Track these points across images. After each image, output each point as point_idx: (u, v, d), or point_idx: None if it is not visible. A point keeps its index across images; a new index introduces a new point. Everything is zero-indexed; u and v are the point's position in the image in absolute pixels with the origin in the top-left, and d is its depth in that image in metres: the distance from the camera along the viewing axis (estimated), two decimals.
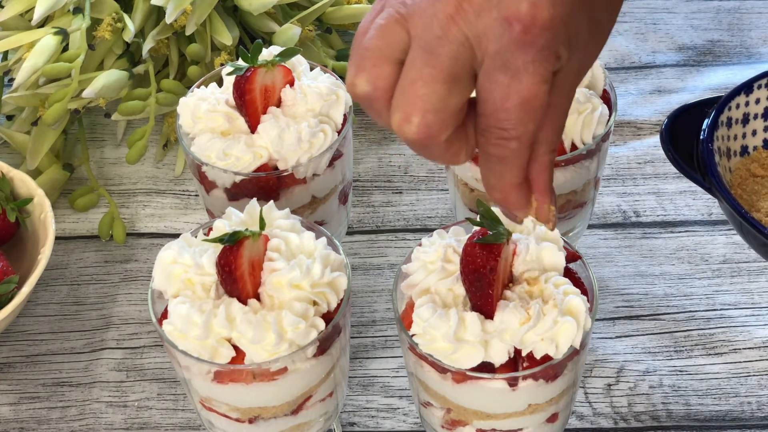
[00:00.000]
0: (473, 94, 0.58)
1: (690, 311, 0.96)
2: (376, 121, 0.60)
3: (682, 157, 0.84)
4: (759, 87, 0.90)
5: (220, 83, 0.90)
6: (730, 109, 0.88)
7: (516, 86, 0.56)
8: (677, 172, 1.06)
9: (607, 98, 0.89)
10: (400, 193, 1.07)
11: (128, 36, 1.05)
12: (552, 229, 0.64)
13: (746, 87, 0.89)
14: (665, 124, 0.85)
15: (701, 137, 0.84)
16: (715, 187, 0.82)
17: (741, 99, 0.89)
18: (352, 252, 1.01)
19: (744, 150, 0.90)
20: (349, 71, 0.59)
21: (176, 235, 0.80)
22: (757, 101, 0.90)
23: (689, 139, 0.85)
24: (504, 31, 0.55)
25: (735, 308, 0.96)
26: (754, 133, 0.91)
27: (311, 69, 0.90)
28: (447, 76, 0.56)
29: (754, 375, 0.91)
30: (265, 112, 0.86)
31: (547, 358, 0.71)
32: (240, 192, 0.86)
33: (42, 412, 0.91)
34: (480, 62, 0.56)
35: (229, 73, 0.86)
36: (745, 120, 0.90)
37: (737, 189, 0.88)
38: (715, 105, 0.87)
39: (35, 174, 1.05)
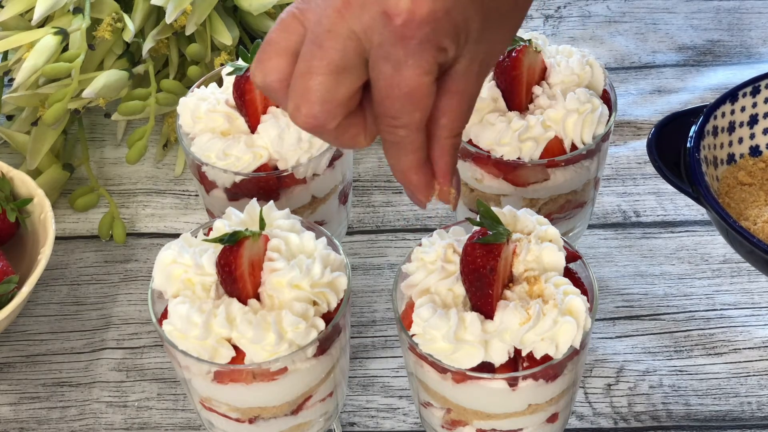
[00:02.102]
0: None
1: (690, 311, 0.96)
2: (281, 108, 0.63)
3: (669, 167, 0.85)
4: (744, 95, 0.90)
5: (220, 83, 0.90)
6: (715, 117, 0.88)
7: (398, 78, 0.59)
8: None
9: (607, 98, 0.89)
10: (400, 193, 1.07)
11: (128, 36, 1.05)
12: (453, 209, 0.67)
13: (731, 95, 0.89)
14: (651, 134, 0.86)
15: (688, 146, 0.84)
16: (702, 197, 0.82)
17: (726, 107, 0.89)
18: (352, 252, 1.01)
19: (731, 158, 0.90)
20: (252, 63, 0.63)
21: (176, 235, 0.80)
22: (743, 109, 0.90)
23: (676, 148, 0.85)
24: (385, 25, 0.58)
25: (735, 308, 0.96)
26: (740, 140, 0.90)
27: None
28: (334, 68, 0.59)
29: (754, 375, 0.91)
30: (265, 112, 0.86)
31: (547, 358, 0.71)
32: (240, 192, 0.86)
33: (42, 412, 0.91)
34: (368, 52, 0.59)
35: (229, 73, 0.86)
36: (731, 128, 0.90)
37: (725, 197, 0.88)
38: (701, 114, 0.87)
39: (35, 174, 1.05)
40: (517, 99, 0.86)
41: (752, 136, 0.91)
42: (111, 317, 0.98)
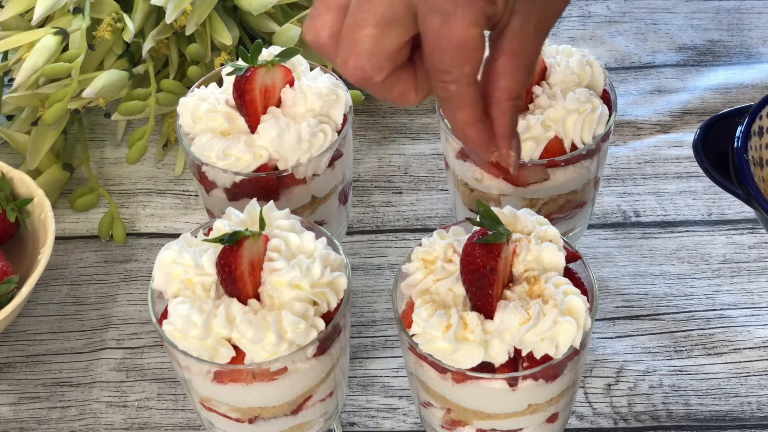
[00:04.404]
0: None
1: (690, 311, 0.96)
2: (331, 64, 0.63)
3: (716, 169, 0.83)
4: None
5: (220, 83, 0.90)
6: (761, 118, 0.86)
7: (446, 30, 0.58)
8: (677, 172, 1.07)
9: (607, 98, 0.89)
10: (400, 193, 1.07)
11: (128, 36, 1.05)
12: (514, 172, 0.66)
13: None
14: (697, 135, 0.84)
15: (735, 147, 0.83)
16: (753, 198, 0.81)
17: None
18: (352, 252, 1.01)
19: None
20: (304, 22, 0.63)
21: (176, 235, 0.80)
22: None
23: (722, 150, 0.84)
24: None
25: (735, 308, 0.96)
26: None
27: (311, 69, 0.90)
28: (380, 20, 0.59)
29: (754, 375, 0.91)
30: (265, 112, 0.86)
31: (547, 358, 0.71)
32: (240, 192, 0.86)
33: (42, 412, 0.91)
34: (416, 5, 0.59)
35: (229, 73, 0.86)
36: None
37: None
38: (746, 114, 0.86)
39: (35, 174, 1.05)
40: None
41: None
42: (111, 317, 0.98)
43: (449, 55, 0.59)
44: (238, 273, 0.73)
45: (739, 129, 0.84)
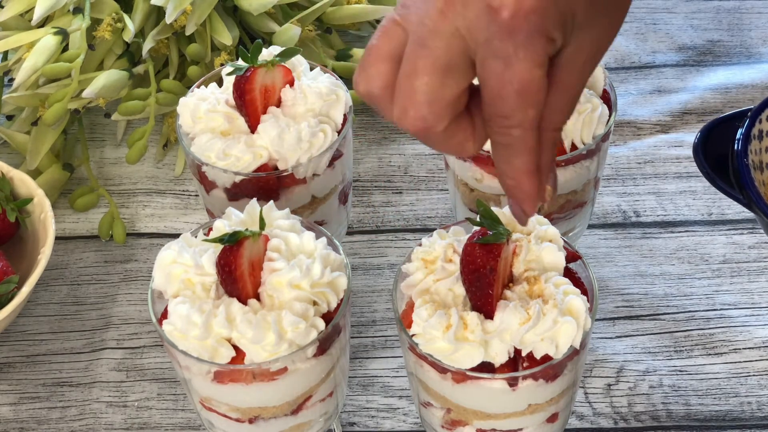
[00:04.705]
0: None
1: (690, 311, 0.96)
2: (385, 118, 0.61)
3: (716, 172, 0.83)
4: None
5: (220, 83, 0.90)
6: (760, 122, 0.86)
7: (509, 73, 0.56)
8: (677, 172, 1.07)
9: (607, 98, 0.89)
10: (400, 193, 1.07)
11: (128, 36, 1.05)
12: (549, 209, 0.63)
13: None
14: (697, 139, 0.83)
15: (736, 150, 0.82)
16: (753, 202, 0.80)
17: None
18: (352, 252, 1.01)
19: None
20: (355, 73, 0.61)
21: (176, 235, 0.80)
22: None
23: (721, 154, 0.83)
24: (491, 20, 0.56)
25: (735, 308, 0.96)
26: None
27: (311, 69, 0.90)
28: (440, 68, 0.57)
29: (754, 375, 0.91)
30: (265, 112, 0.86)
31: (547, 358, 0.71)
32: (240, 192, 0.86)
33: (42, 412, 0.91)
34: (474, 51, 0.57)
35: (229, 73, 0.86)
36: None
37: None
38: (746, 118, 0.85)
39: (35, 174, 1.05)
40: None
41: None
42: (111, 317, 0.98)
43: (513, 99, 0.57)
44: (238, 273, 0.73)
45: (739, 132, 0.84)
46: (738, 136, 0.83)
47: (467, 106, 0.60)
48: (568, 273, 0.75)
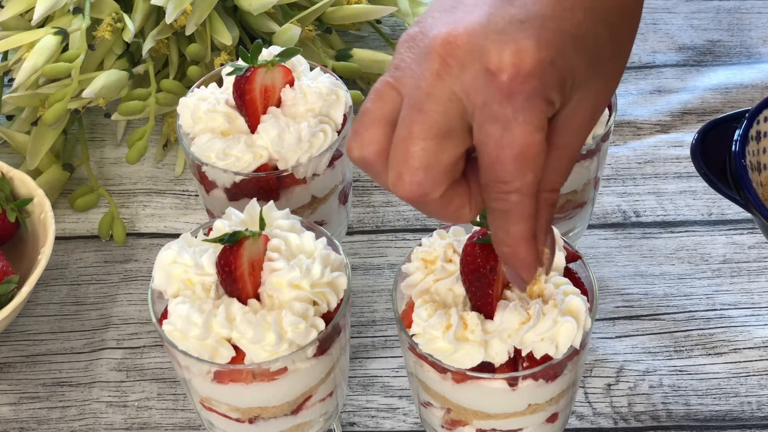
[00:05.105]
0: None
1: (690, 311, 0.96)
2: (378, 184, 0.60)
3: (714, 173, 0.83)
4: None
5: (220, 83, 0.90)
6: (758, 123, 0.86)
7: (508, 138, 0.55)
8: (677, 171, 1.07)
9: None
10: None
11: (128, 36, 1.05)
12: (546, 274, 0.63)
13: None
14: (695, 140, 0.83)
15: (734, 151, 0.82)
16: (751, 203, 0.80)
17: None
18: (352, 252, 1.01)
19: None
20: (348, 137, 0.59)
21: (176, 235, 0.80)
22: None
23: (719, 155, 0.83)
24: (489, 83, 0.54)
25: (735, 308, 0.96)
26: None
27: (311, 69, 0.90)
28: (436, 132, 0.56)
29: (754, 375, 0.91)
30: (265, 112, 0.86)
31: (547, 358, 0.71)
32: (240, 192, 0.86)
33: (42, 412, 0.91)
34: (472, 115, 0.56)
35: (229, 73, 0.86)
36: None
37: None
38: (743, 119, 0.85)
39: (35, 174, 1.05)
40: None
41: None
42: (111, 317, 0.98)
43: (511, 164, 0.55)
44: (238, 273, 0.73)
45: (736, 133, 0.84)
46: (736, 137, 0.83)
47: (463, 172, 0.58)
48: (568, 273, 0.75)
